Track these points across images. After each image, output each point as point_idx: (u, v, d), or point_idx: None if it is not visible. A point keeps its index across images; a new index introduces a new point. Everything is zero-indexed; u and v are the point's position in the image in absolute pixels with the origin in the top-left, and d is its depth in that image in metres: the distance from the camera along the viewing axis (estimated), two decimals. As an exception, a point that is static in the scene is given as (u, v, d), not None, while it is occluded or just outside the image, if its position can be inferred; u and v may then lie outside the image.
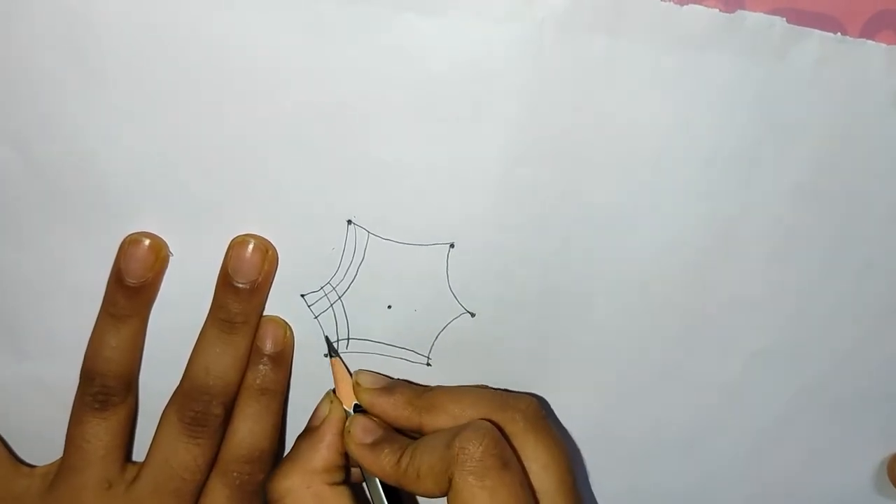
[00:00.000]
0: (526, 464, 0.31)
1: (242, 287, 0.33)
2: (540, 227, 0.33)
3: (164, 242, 0.33)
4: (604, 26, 0.30)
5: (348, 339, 0.35)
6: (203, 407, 0.33)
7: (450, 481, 0.29)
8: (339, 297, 0.34)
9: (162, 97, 0.31)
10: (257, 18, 0.30)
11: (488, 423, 0.30)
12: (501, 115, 0.31)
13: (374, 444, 0.32)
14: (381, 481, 0.32)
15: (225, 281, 0.33)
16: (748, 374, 0.36)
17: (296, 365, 0.35)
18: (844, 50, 0.31)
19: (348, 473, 0.33)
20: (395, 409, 0.33)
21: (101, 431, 0.33)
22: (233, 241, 0.33)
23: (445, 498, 0.30)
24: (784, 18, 0.30)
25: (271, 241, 0.33)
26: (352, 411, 0.33)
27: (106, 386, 0.33)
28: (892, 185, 0.33)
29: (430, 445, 0.30)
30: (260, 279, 0.33)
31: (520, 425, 0.31)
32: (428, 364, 0.35)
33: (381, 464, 0.31)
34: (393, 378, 0.35)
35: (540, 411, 0.32)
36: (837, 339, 0.36)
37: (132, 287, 0.33)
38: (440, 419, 0.32)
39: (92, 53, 0.30)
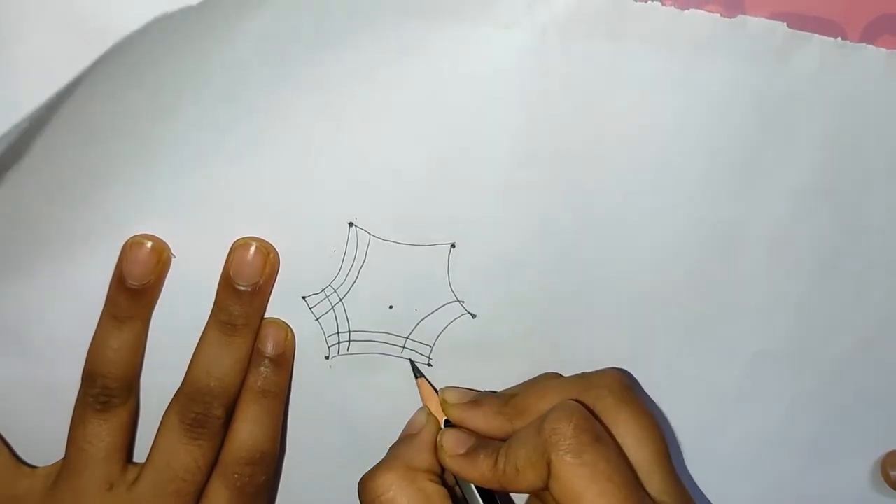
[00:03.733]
0: (619, 440, 0.30)
1: (244, 290, 0.33)
2: (541, 228, 0.33)
3: (166, 245, 0.33)
4: (605, 32, 0.30)
5: (349, 340, 0.35)
6: (204, 409, 0.33)
7: (548, 467, 0.29)
8: (341, 300, 0.34)
9: (164, 99, 0.31)
10: (260, 21, 0.30)
11: (573, 402, 0.30)
12: (503, 118, 0.31)
13: (469, 453, 0.31)
14: (478, 490, 0.32)
15: (226, 284, 0.33)
16: (749, 376, 0.36)
17: (297, 367, 0.35)
18: (845, 55, 0.31)
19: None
20: (485, 420, 0.33)
21: (103, 433, 0.34)
22: (234, 243, 0.33)
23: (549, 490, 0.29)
24: (785, 23, 0.30)
25: (273, 244, 0.33)
26: (442, 426, 0.34)
27: (107, 387, 0.33)
28: (892, 189, 0.33)
29: (522, 438, 0.30)
30: (261, 282, 0.33)
31: (608, 401, 0.31)
32: (429, 364, 0.36)
33: (480, 469, 0.31)
34: (478, 391, 0.35)
35: (625, 383, 0.32)
36: (838, 342, 0.36)
37: (134, 289, 0.33)
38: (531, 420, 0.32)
39: (94, 55, 0.30)
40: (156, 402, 0.34)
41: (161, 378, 0.34)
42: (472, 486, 0.32)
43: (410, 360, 0.35)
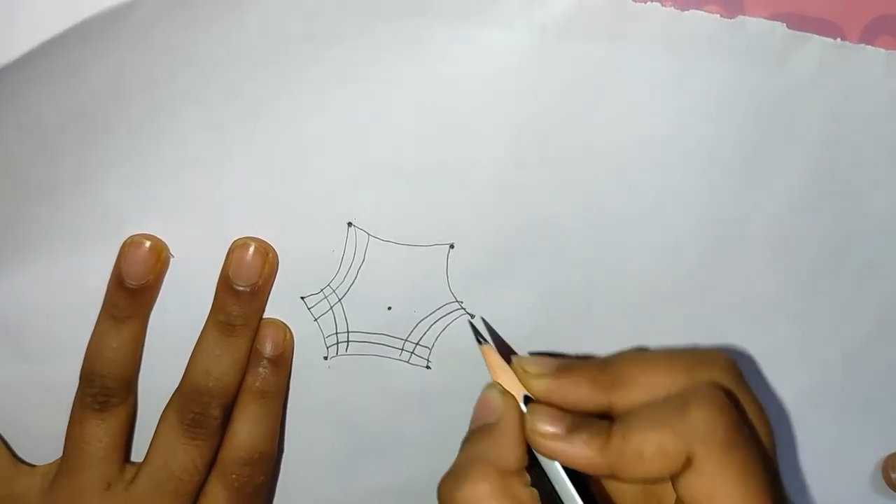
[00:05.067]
0: None
1: (243, 290, 0.33)
2: (540, 228, 0.33)
3: (165, 244, 0.33)
4: (605, 32, 0.30)
5: (348, 341, 0.35)
6: (202, 409, 0.33)
7: (687, 458, 0.25)
8: (340, 300, 0.34)
9: (163, 100, 0.31)
10: (259, 21, 0.30)
11: (721, 390, 0.27)
12: (502, 118, 0.31)
13: (570, 433, 0.27)
14: (567, 473, 0.27)
15: (225, 284, 0.33)
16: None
17: (295, 368, 0.35)
18: (844, 55, 0.31)
19: None
20: (577, 392, 0.28)
21: (101, 433, 0.33)
22: (233, 244, 0.33)
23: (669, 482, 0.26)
24: (784, 24, 0.30)
25: (271, 244, 0.33)
26: (522, 403, 0.28)
27: (106, 387, 0.33)
28: (891, 189, 0.33)
29: (654, 420, 0.26)
30: (260, 282, 0.33)
31: (726, 387, 0.28)
32: (428, 367, 0.35)
33: (586, 452, 0.26)
34: (553, 357, 0.30)
35: (738, 369, 0.29)
36: (838, 342, 0.36)
37: (132, 289, 0.33)
38: (634, 394, 0.27)
39: (94, 56, 0.30)
40: (155, 402, 0.34)
41: (160, 378, 0.34)
42: (561, 469, 0.27)
43: (471, 322, 0.32)
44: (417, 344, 0.35)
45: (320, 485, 0.37)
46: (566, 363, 0.29)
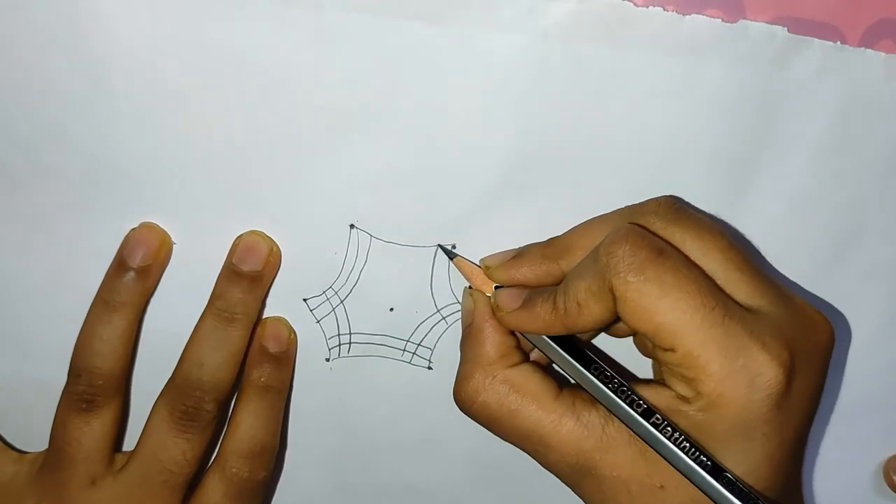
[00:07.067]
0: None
1: (247, 272, 0.32)
2: (540, 230, 0.33)
3: (168, 235, 0.33)
4: (606, 35, 0.30)
5: (350, 343, 0.35)
6: (194, 402, 0.32)
7: (612, 293, 0.27)
8: (342, 301, 0.34)
9: (167, 103, 0.31)
10: (263, 24, 0.30)
11: (627, 224, 0.28)
12: (504, 121, 0.31)
13: (525, 304, 0.30)
14: (551, 339, 0.30)
15: (228, 270, 0.33)
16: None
17: (297, 369, 0.35)
18: (844, 58, 0.31)
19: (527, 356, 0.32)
20: (531, 269, 0.31)
21: (84, 436, 0.33)
22: (239, 236, 0.33)
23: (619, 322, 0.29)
24: (785, 28, 0.30)
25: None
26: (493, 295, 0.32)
27: (92, 384, 0.32)
28: (891, 192, 0.33)
29: (578, 271, 0.28)
30: (263, 270, 0.33)
31: (658, 226, 0.29)
32: (429, 368, 0.36)
33: (541, 316, 0.29)
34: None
35: (674, 204, 0.30)
36: (838, 344, 0.36)
37: (133, 270, 0.32)
38: (578, 257, 0.30)
39: (98, 58, 0.30)
40: (151, 399, 0.34)
41: (157, 376, 0.33)
42: (545, 338, 0.30)
43: (439, 245, 0.34)
44: (419, 345, 0.35)
45: (320, 485, 0.37)
46: (520, 249, 0.32)
